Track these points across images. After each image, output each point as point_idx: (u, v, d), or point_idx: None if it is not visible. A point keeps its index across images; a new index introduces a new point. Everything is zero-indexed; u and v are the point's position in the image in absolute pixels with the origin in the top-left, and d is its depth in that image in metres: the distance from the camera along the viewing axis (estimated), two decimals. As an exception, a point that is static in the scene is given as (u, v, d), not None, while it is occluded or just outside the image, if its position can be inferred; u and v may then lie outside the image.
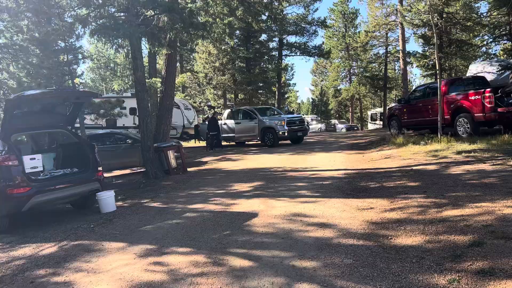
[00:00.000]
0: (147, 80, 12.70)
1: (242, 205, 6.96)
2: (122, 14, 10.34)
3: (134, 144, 13.59)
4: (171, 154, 11.42)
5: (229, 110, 20.56)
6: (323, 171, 10.28)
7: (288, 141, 19.18)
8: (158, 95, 12.95)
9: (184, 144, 25.39)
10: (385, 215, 5.59)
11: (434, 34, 13.42)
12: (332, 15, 52.43)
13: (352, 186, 7.93)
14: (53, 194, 6.63)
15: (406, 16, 20.64)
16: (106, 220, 6.72)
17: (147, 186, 10.26)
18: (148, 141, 11.00)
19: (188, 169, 12.81)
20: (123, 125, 22.31)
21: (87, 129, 20.73)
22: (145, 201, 8.26)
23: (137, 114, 23.20)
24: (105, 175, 15.29)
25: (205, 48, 31.66)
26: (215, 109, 30.68)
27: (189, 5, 9.40)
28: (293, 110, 29.28)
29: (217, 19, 11.27)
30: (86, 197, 7.52)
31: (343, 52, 52.56)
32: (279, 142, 18.42)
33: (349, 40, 48.56)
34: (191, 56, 37.45)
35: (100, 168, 7.57)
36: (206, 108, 31.40)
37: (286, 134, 18.01)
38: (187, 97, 28.99)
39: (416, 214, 5.48)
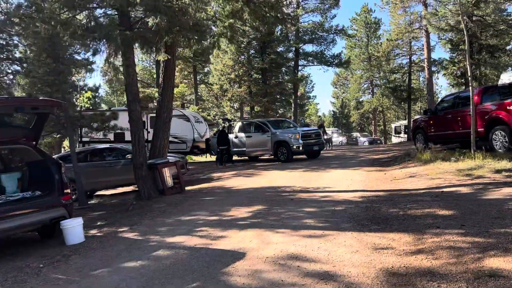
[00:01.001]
0: (145, 90, 11.66)
1: (231, 240, 5.65)
2: (114, 14, 9.32)
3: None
4: (167, 172, 10.23)
5: (240, 122, 19.34)
6: (338, 193, 8.87)
7: (304, 156, 17.81)
8: (153, 105, 11.84)
9: (196, 158, 24.31)
10: (410, 261, 4.17)
11: (466, 37, 11.89)
12: (353, 25, 51.13)
13: (370, 214, 6.50)
14: (3, 224, 5.48)
15: (431, 20, 19.10)
16: (62, 257, 5.51)
17: (136, 208, 9.08)
18: (140, 157, 9.85)
19: (188, 188, 11.59)
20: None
21: (94, 143, 19.97)
22: (122, 229, 7.04)
23: (145, 127, 22.52)
24: (102, 193, 14.37)
25: (221, 60, 30.79)
26: (231, 122, 29.58)
27: (177, 2, 8.26)
28: (322, 122, 27.35)
29: (217, 21, 10.09)
30: (49, 225, 6.34)
31: (365, 62, 51.04)
32: (294, 157, 17.06)
33: (372, 50, 47.06)
34: (206, 68, 36.70)
35: (67, 191, 6.42)
36: (220, 121, 30.33)
37: (300, 148, 16.63)
38: (200, 110, 27.99)
39: (453, 261, 4.04)
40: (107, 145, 14.11)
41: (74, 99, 10.77)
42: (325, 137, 25.43)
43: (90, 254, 5.55)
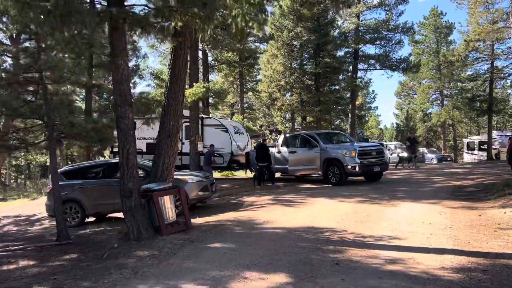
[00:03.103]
0: (147, 92, 9.08)
1: None
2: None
3: (146, 177, 9.99)
4: (166, 202, 7.45)
5: (283, 135, 16.27)
6: (413, 253, 5.57)
7: (362, 178, 14.41)
8: (155, 111, 9.20)
9: (237, 174, 21.55)
10: None
11: None
12: (421, 30, 46.32)
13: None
14: None
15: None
16: None
17: (111, 257, 6.37)
18: (129, 182, 7.17)
19: (201, 221, 8.77)
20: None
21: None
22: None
23: (180, 138, 20.22)
24: (116, 215, 11.95)
25: (271, 66, 28.05)
26: (283, 134, 26.64)
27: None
28: (413, 136, 22.47)
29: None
30: None
31: (434, 71, 46.01)
32: (348, 178, 13.73)
33: (442, 58, 42.14)
34: (258, 76, 34.03)
35: None
36: (267, 132, 27.45)
37: (357, 169, 13.25)
38: (244, 120, 25.34)
39: None
40: (115, 160, 11.71)
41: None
42: (413, 155, 21.56)
43: None
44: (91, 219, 11.55)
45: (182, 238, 7.11)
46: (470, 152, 38.19)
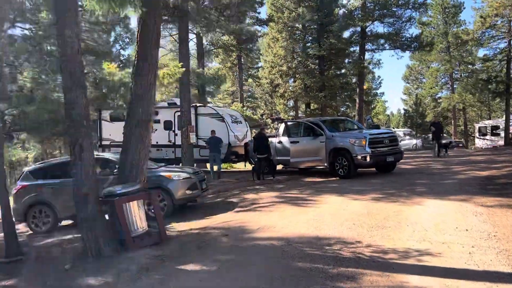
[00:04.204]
0: (111, 72, 7.54)
1: None
2: None
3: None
4: (134, 208, 5.94)
5: (284, 123, 14.63)
6: (456, 279, 4.04)
7: (373, 169, 12.87)
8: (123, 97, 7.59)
9: (237, 166, 20.03)
10: None
11: None
12: (429, 11, 44.12)
13: None
14: None
15: None
16: None
17: (59, 279, 4.88)
18: (84, 186, 5.66)
19: (184, 227, 7.29)
20: (157, 142, 17.69)
21: (116, 147, 16.42)
22: None
23: (173, 128, 18.67)
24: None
25: (271, 50, 26.30)
26: (284, 122, 25.04)
27: None
28: (438, 120, 18.93)
29: None
30: None
31: (442, 53, 43.95)
32: (358, 170, 12.20)
33: (451, 39, 40.19)
34: (260, 63, 32.22)
35: None
36: (269, 121, 25.82)
37: (368, 159, 11.67)
38: (244, 109, 23.69)
39: None
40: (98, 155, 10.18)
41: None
42: (442, 141, 18.60)
43: None
44: (68, 222, 10.16)
45: (152, 256, 5.61)
46: (481, 137, 36.38)
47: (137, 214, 6.04)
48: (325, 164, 12.65)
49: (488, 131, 35.56)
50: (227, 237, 6.46)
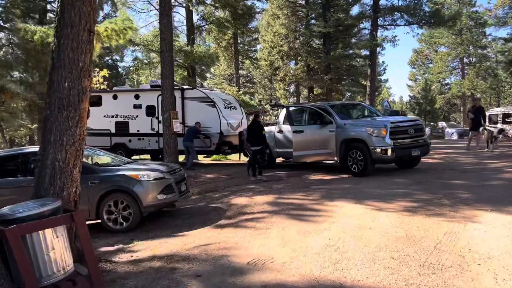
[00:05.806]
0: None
1: None
2: None
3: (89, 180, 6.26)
4: (49, 239, 3.67)
5: (285, 109, 12.25)
6: None
7: (392, 164, 10.65)
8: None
9: (231, 158, 17.71)
10: None
11: None
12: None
13: None
14: None
15: None
16: None
17: None
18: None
19: (139, 254, 5.05)
20: (138, 131, 15.45)
21: (89, 135, 14.11)
22: None
23: (156, 115, 16.30)
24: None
25: (271, 29, 23.77)
26: (285, 108, 22.71)
27: None
28: (479, 105, 14.39)
29: None
30: None
31: (453, 36, 41.50)
32: (375, 166, 9.97)
33: (465, 21, 37.71)
34: (259, 45, 29.65)
35: None
36: (268, 107, 23.45)
37: (389, 153, 9.39)
38: (240, 94, 21.30)
39: None
40: (32, 148, 7.86)
41: None
42: (492, 130, 14.81)
43: None
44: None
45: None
46: (492, 126, 34.27)
47: (52, 249, 3.75)
48: (335, 159, 10.39)
49: (499, 119, 33.50)
50: (197, 280, 4.20)
